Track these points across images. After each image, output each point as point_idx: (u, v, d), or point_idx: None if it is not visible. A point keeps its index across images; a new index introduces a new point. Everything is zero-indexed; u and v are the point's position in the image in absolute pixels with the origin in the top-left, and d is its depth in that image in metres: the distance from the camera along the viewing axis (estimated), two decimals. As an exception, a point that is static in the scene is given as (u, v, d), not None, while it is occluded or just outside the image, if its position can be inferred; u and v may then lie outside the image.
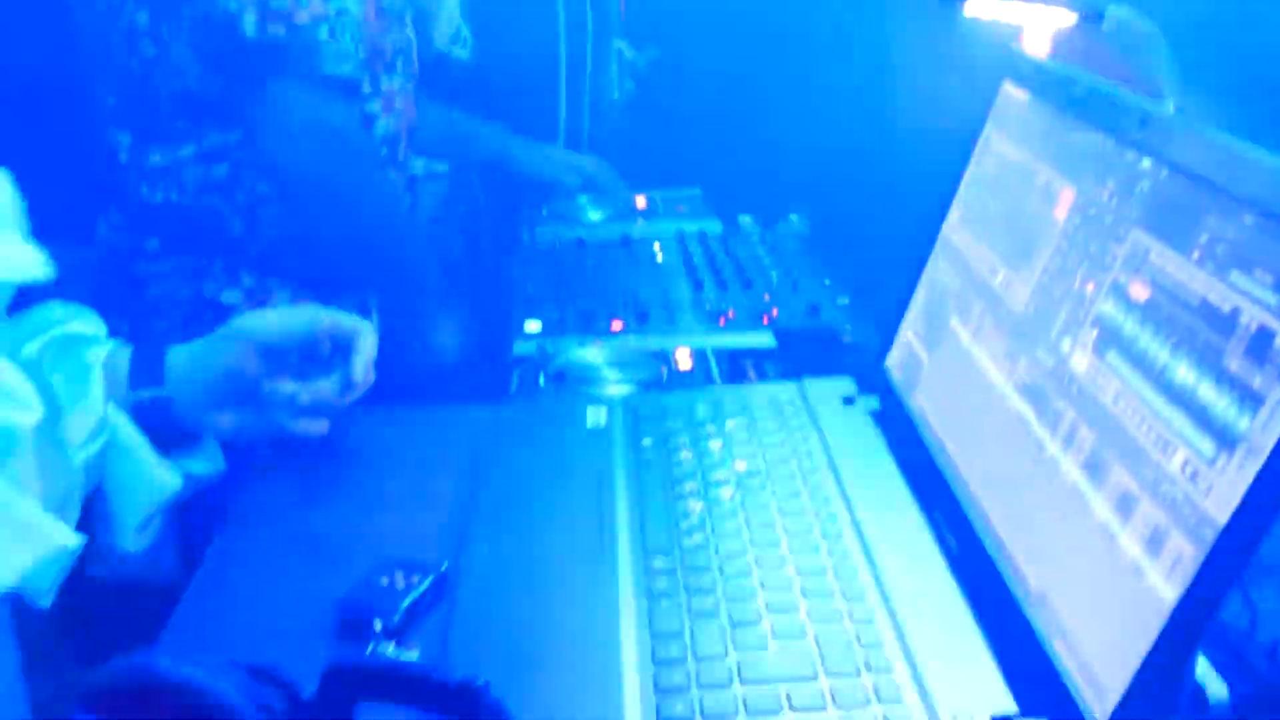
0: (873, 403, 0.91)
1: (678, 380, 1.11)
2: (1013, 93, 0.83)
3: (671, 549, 0.73)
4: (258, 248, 1.31)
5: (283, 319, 0.87)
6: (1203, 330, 0.56)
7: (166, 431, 0.78)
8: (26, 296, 0.71)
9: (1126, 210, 0.65)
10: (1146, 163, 0.64)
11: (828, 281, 1.38)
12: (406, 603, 0.70)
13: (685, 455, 0.84)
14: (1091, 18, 0.74)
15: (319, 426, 0.87)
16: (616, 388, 1.08)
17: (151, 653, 0.52)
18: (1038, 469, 0.66)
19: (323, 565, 0.75)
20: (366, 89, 1.34)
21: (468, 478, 0.84)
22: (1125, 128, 0.67)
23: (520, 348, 1.21)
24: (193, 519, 0.86)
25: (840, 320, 1.27)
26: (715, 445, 0.85)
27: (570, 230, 1.60)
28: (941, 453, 0.79)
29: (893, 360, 0.93)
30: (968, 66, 0.94)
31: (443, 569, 0.73)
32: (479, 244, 1.76)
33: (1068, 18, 0.77)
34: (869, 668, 0.63)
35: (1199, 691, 0.62)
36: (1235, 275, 0.55)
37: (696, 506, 0.78)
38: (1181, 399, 0.56)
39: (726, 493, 0.79)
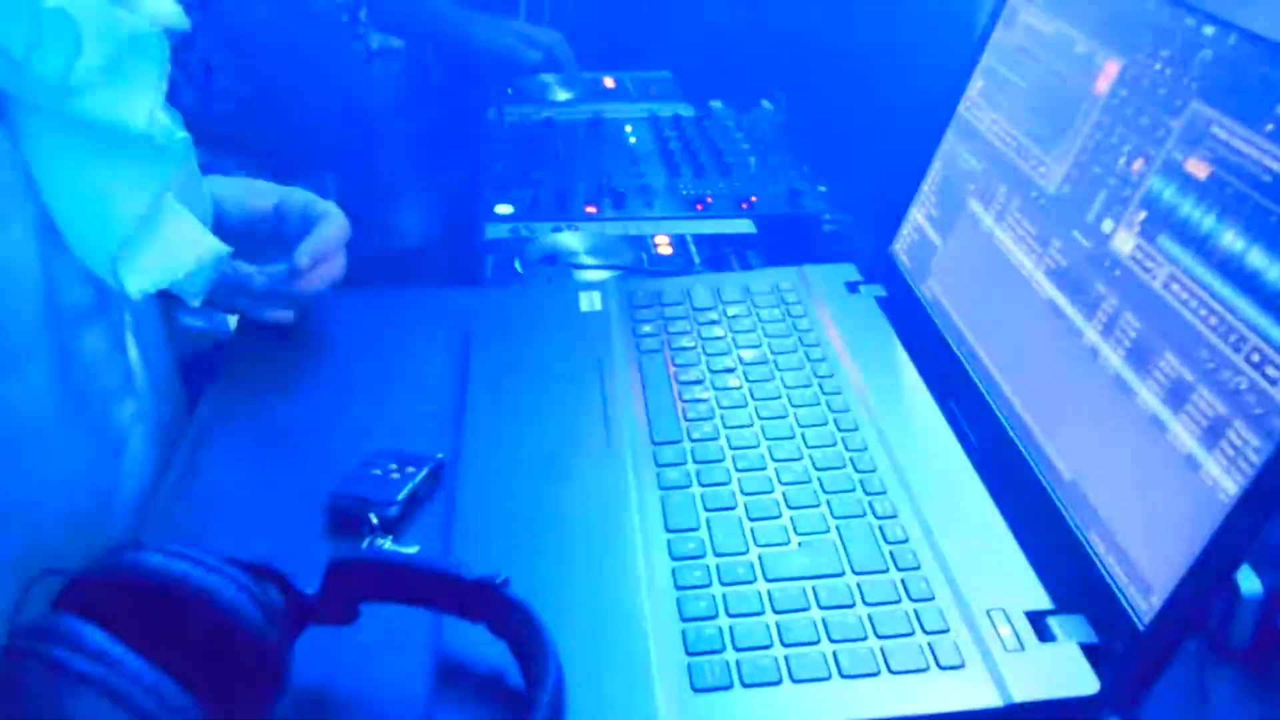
0: (877, 290, 0.87)
1: (659, 266, 1.06)
2: (1045, -41, 0.77)
3: (680, 439, 0.70)
4: (210, 119, 1.22)
5: (246, 191, 0.81)
6: (1276, 211, 0.52)
7: None
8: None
9: (1184, 81, 0.61)
10: (1210, 29, 0.60)
11: (806, 168, 1.34)
12: (403, 494, 0.65)
13: (686, 342, 0.80)
14: None
15: (282, 315, 0.81)
16: (596, 273, 1.03)
17: (140, 549, 0.47)
18: (1073, 357, 0.63)
19: (307, 459, 0.70)
20: (324, -49, 1.25)
21: (457, 364, 0.78)
22: (1183, -8, 0.62)
23: (492, 231, 1.15)
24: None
25: (821, 208, 1.23)
26: (717, 332, 0.81)
27: (538, 110, 1.53)
28: (959, 341, 0.76)
29: (900, 246, 0.89)
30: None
31: (439, 459, 0.68)
32: (439, 123, 1.67)
33: None
34: (896, 564, 0.60)
35: (1232, 585, 0.60)
36: (1315, 150, 0.51)
37: (704, 395, 0.74)
38: (1248, 283, 0.52)
39: (733, 382, 0.76)
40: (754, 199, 1.24)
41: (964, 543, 0.61)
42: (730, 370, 0.77)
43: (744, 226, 1.18)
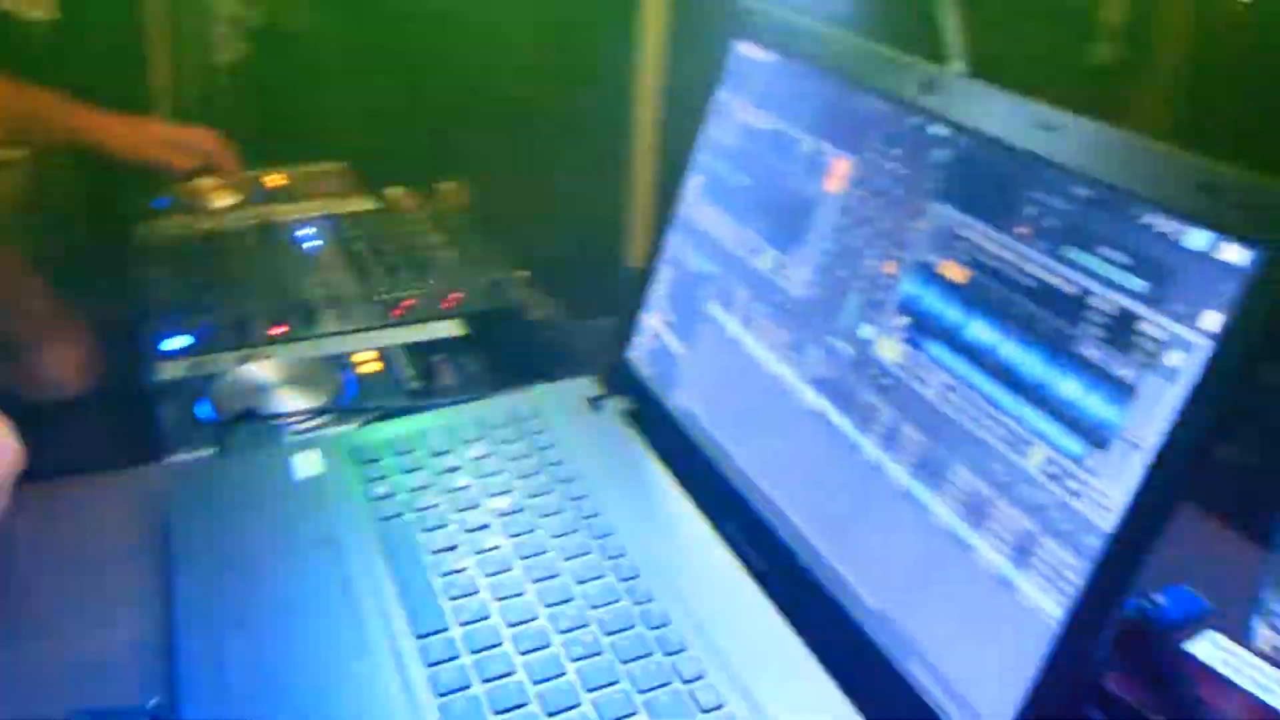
0: (623, 403, 0.82)
1: (371, 392, 0.96)
2: (750, 53, 0.75)
3: (448, 626, 0.60)
4: None
5: None
6: (1045, 315, 0.51)
7: None
8: None
9: (922, 183, 0.59)
10: (940, 130, 0.59)
11: (503, 253, 1.28)
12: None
13: (430, 499, 0.71)
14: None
15: None
16: (300, 409, 0.91)
17: None
18: (854, 472, 0.60)
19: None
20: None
21: (158, 572, 0.65)
22: (906, 90, 0.61)
23: (166, 371, 1.00)
24: None
25: (527, 296, 1.18)
26: (462, 481, 0.72)
27: (199, 221, 1.37)
28: (724, 457, 0.71)
29: (638, 354, 0.84)
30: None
31: (151, 708, 0.55)
32: (84, 245, 1.47)
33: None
34: (719, 737, 0.54)
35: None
36: (1074, 253, 0.50)
37: (463, 564, 0.65)
38: (1032, 392, 0.51)
39: (493, 540, 0.67)
40: (457, 296, 1.17)
41: (782, 693, 0.56)
42: (486, 527, 0.68)
43: (453, 329, 1.10)
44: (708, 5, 1.08)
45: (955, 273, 0.56)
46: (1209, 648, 0.62)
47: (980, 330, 0.54)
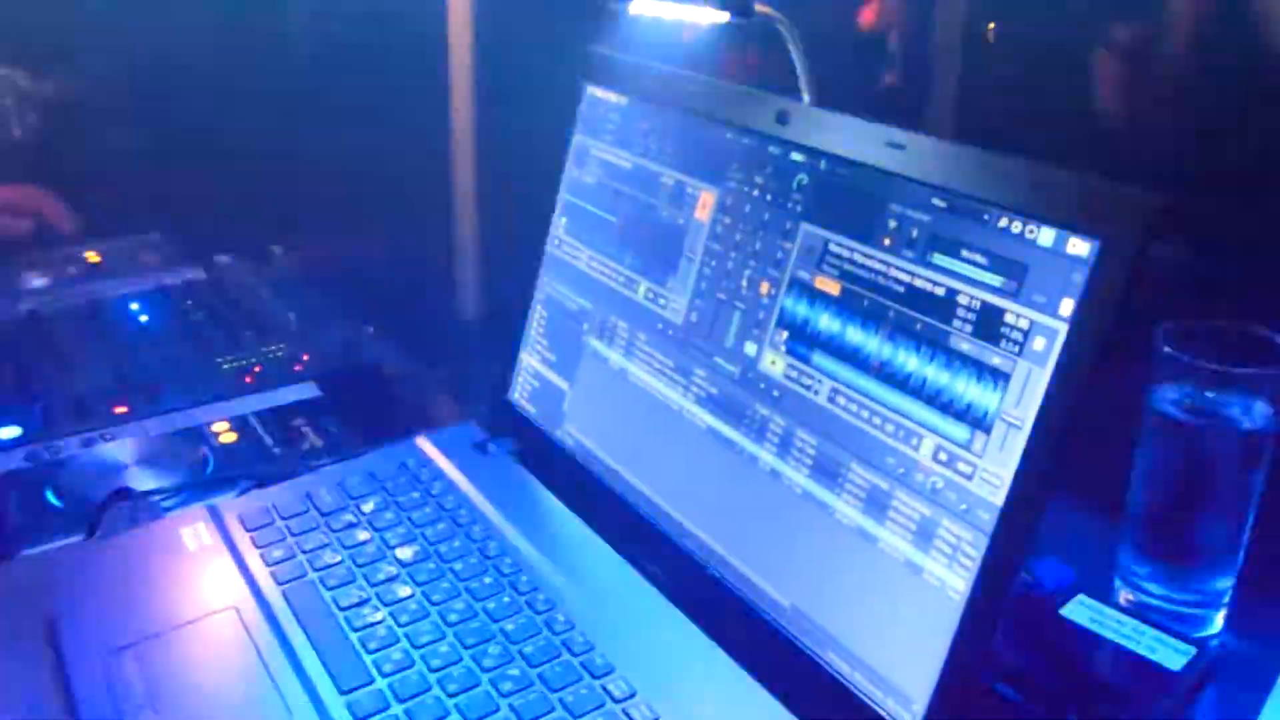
0: (509, 444, 0.83)
1: (232, 459, 0.94)
2: (603, 96, 0.78)
3: (372, 679, 0.60)
4: None
5: None
6: (918, 316, 0.56)
7: None
8: None
9: (788, 206, 0.64)
10: (798, 156, 0.63)
11: (345, 309, 1.27)
12: None
13: (330, 557, 0.70)
14: (738, 14, 0.72)
15: None
16: (169, 484, 0.88)
17: None
18: (754, 482, 0.64)
19: None
20: None
21: (44, 665, 0.62)
22: (762, 123, 0.65)
23: (2, 463, 0.94)
24: None
25: (378, 351, 1.18)
26: (361, 536, 0.72)
27: (14, 302, 1.30)
28: (622, 484, 0.73)
29: (520, 394, 0.85)
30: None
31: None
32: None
33: (717, 16, 0.75)
34: (658, 748, 0.56)
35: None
36: (939, 258, 0.55)
37: (376, 617, 0.65)
38: (913, 387, 0.56)
39: (403, 591, 0.67)
40: (306, 358, 1.15)
41: (712, 702, 0.59)
42: (394, 578, 0.68)
43: (306, 391, 1.08)
44: (512, 63, 1.13)
45: (830, 286, 0.61)
46: (1080, 609, 0.69)
47: (859, 336, 0.59)
